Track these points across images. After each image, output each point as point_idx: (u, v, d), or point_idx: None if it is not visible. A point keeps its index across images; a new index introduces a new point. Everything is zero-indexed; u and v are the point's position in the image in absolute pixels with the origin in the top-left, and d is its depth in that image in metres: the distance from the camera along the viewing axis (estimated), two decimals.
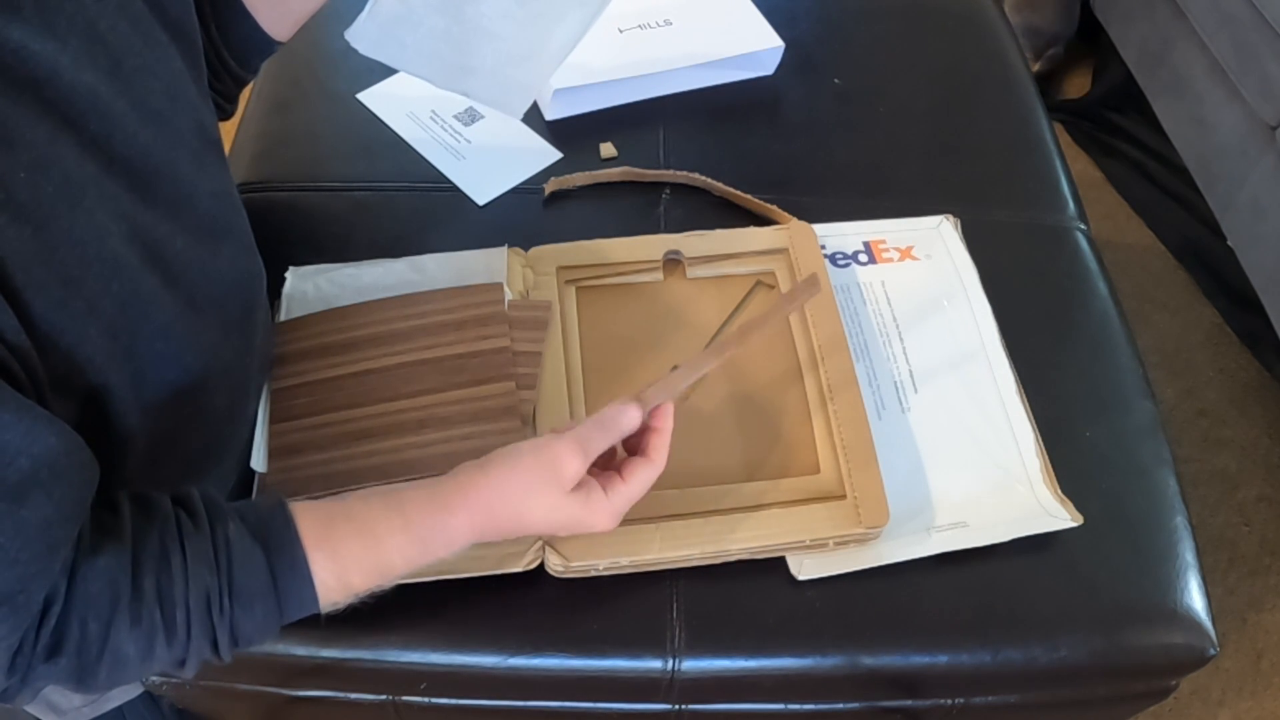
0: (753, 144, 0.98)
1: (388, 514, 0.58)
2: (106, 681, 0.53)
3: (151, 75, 0.58)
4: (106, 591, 0.51)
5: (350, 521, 0.57)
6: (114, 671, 0.52)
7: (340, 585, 0.56)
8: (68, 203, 0.50)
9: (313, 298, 0.80)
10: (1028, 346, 0.82)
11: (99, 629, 0.51)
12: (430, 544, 0.58)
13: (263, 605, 0.54)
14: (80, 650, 0.50)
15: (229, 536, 0.54)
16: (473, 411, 0.73)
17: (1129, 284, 1.62)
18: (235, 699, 0.77)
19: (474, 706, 0.74)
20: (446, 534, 0.58)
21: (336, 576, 0.56)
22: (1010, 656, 0.70)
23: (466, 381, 0.74)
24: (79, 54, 0.52)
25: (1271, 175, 1.37)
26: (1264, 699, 1.27)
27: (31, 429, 0.47)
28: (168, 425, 0.60)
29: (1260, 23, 1.34)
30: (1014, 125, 1.03)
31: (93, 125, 0.52)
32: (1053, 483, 0.74)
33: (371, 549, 0.57)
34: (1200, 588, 0.73)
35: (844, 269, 0.86)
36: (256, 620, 0.54)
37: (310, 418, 0.73)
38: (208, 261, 0.63)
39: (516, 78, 0.72)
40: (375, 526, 0.57)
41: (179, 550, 0.53)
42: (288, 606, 0.55)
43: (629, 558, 0.68)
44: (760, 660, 0.69)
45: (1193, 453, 1.46)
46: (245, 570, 0.54)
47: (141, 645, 0.52)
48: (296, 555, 0.55)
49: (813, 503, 0.71)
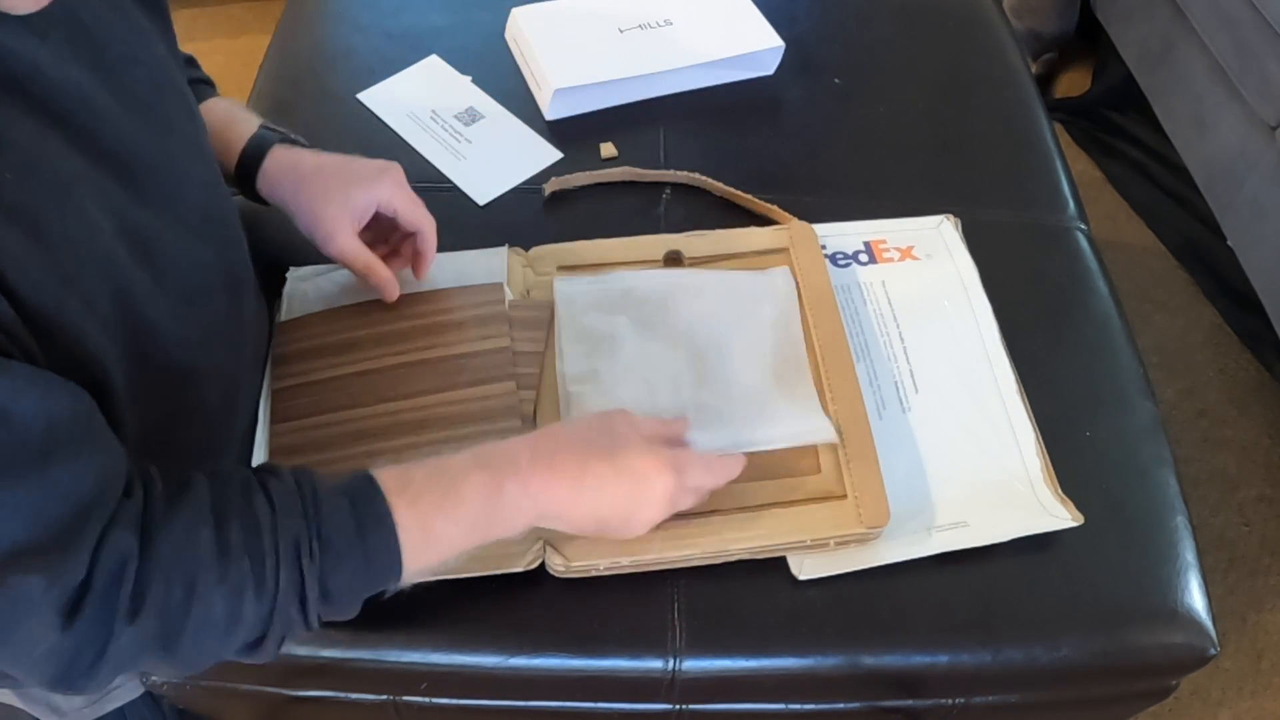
0: (753, 144, 0.98)
1: (459, 454, 0.59)
2: (191, 650, 0.51)
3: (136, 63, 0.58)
4: (189, 546, 0.50)
5: (425, 465, 0.58)
6: (199, 636, 0.51)
7: (422, 532, 0.56)
8: (58, 200, 0.50)
9: (313, 298, 0.80)
10: (1028, 346, 0.82)
11: (183, 587, 0.50)
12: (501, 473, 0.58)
13: (350, 554, 0.54)
14: (164, 610, 0.50)
15: (315, 488, 0.55)
16: (474, 412, 0.73)
17: (1129, 284, 1.62)
18: (235, 699, 0.77)
19: (475, 706, 0.74)
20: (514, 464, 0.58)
21: (418, 523, 0.55)
22: (1010, 656, 0.70)
23: (467, 382, 0.74)
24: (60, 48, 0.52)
25: (1271, 175, 1.37)
26: (1264, 699, 1.27)
27: (47, 393, 0.47)
28: (160, 420, 0.60)
29: (1260, 23, 1.34)
30: (1014, 125, 1.03)
31: (80, 120, 0.52)
32: (1053, 482, 0.74)
33: (447, 484, 0.57)
34: (1200, 588, 0.73)
35: (844, 269, 0.86)
36: (344, 572, 0.54)
37: (311, 418, 0.73)
38: (199, 254, 0.62)
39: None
40: (447, 463, 0.58)
41: (265, 501, 0.53)
42: (373, 557, 0.54)
43: (629, 558, 0.68)
44: (761, 660, 0.69)
45: (1193, 453, 1.46)
46: (332, 516, 0.54)
47: (230, 602, 0.51)
48: (380, 503, 0.55)
49: (813, 503, 0.71)
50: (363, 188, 0.73)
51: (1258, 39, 1.36)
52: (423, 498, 0.56)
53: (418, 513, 0.55)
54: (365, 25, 1.07)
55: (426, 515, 0.56)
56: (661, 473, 0.61)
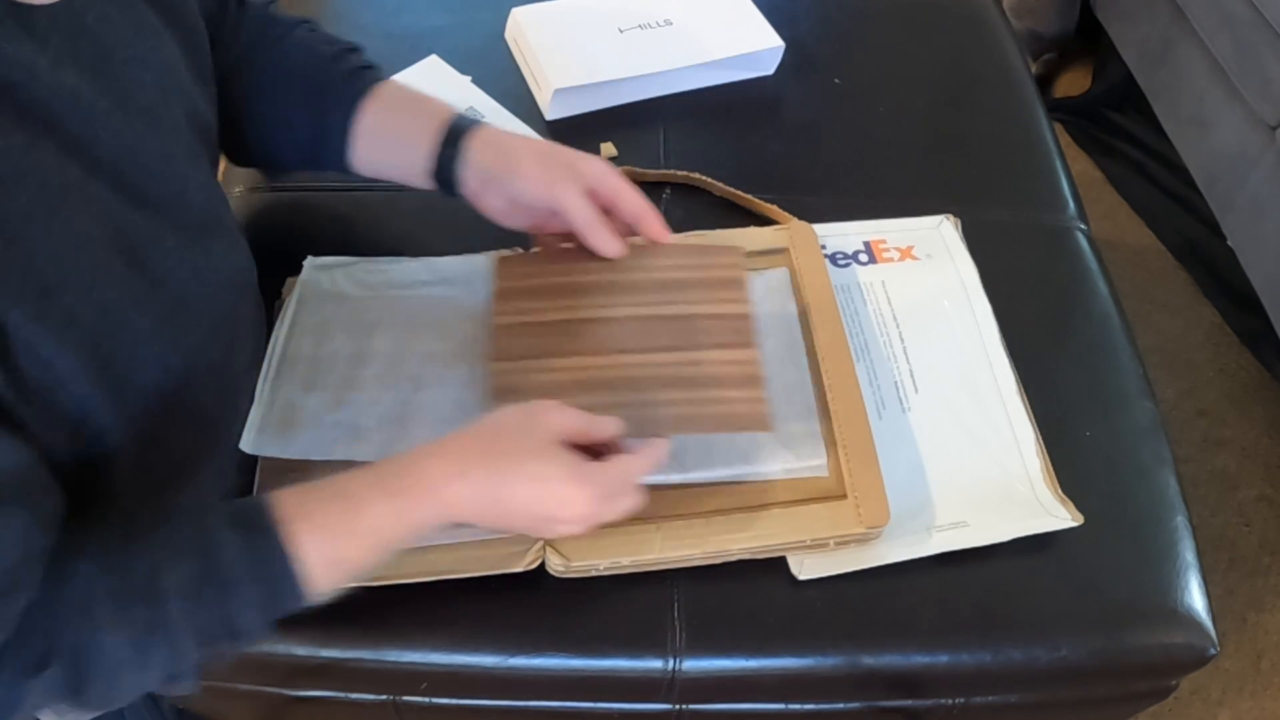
0: (753, 144, 0.98)
1: (363, 474, 0.57)
2: (103, 694, 0.51)
3: (143, 67, 0.58)
4: (89, 595, 0.50)
5: (326, 489, 0.56)
6: (110, 681, 0.51)
7: (330, 557, 0.55)
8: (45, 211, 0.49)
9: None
10: (1028, 346, 0.82)
11: (86, 633, 0.49)
12: (410, 496, 0.56)
13: (252, 587, 0.53)
14: (70, 659, 0.49)
15: (205, 526, 0.54)
16: (719, 375, 0.69)
17: (1129, 284, 1.62)
18: (235, 699, 0.77)
19: (475, 706, 0.74)
20: (424, 481, 0.57)
21: (322, 548, 0.54)
22: (1011, 656, 0.70)
23: (710, 344, 0.71)
24: (60, 53, 0.51)
25: (1271, 175, 1.37)
26: (1264, 699, 1.27)
27: None
28: (154, 427, 0.60)
29: (1260, 23, 1.34)
30: (1014, 125, 1.03)
31: (73, 127, 0.51)
32: (1053, 482, 0.74)
33: (350, 510, 0.55)
34: (1200, 587, 0.73)
35: (844, 269, 0.86)
36: (247, 605, 0.53)
37: (536, 359, 0.70)
38: (198, 259, 0.62)
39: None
40: (349, 486, 0.56)
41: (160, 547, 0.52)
42: (280, 586, 0.54)
43: (630, 558, 0.68)
44: (761, 660, 0.69)
45: (1193, 453, 1.46)
46: (226, 552, 0.52)
47: (135, 647, 0.51)
48: (275, 530, 0.53)
49: (813, 503, 0.71)
50: (581, 159, 0.71)
51: (1258, 39, 1.36)
52: (325, 525, 0.55)
53: (320, 539, 0.54)
54: (365, 25, 1.07)
55: (331, 541, 0.55)
56: (580, 493, 0.59)
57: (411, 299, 0.80)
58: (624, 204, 0.72)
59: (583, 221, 0.70)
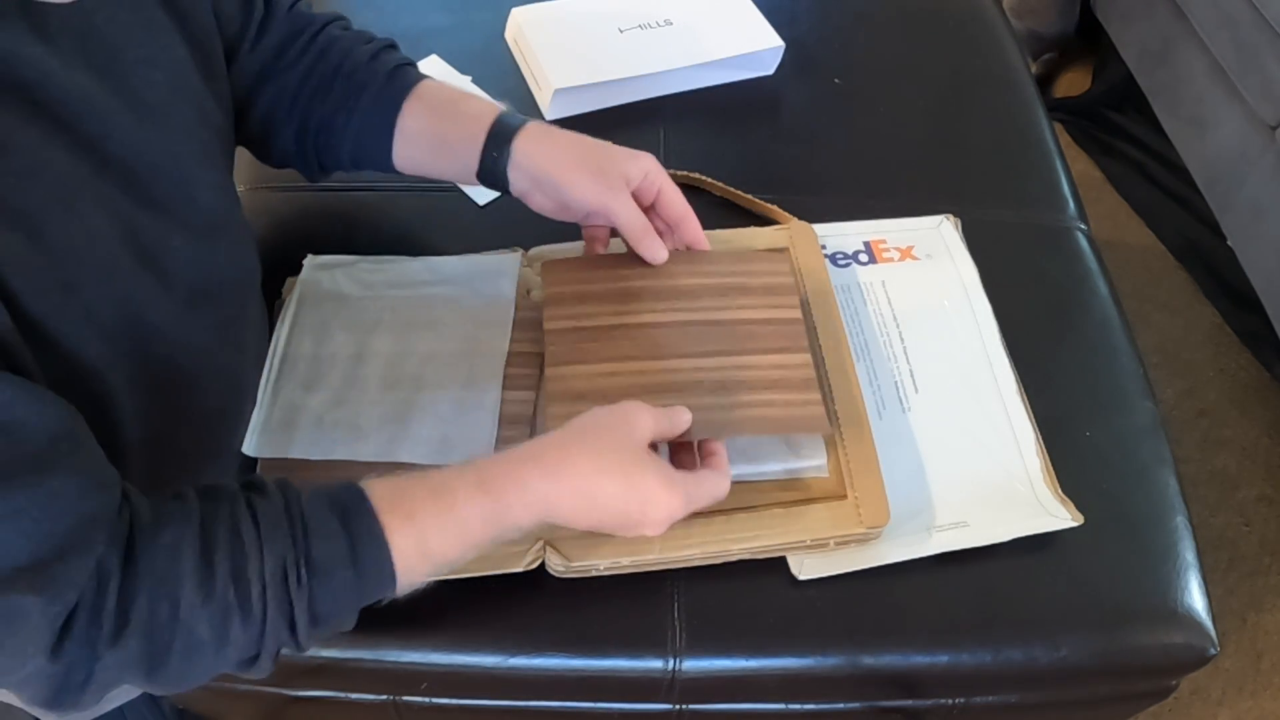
0: (753, 144, 0.98)
1: (461, 471, 0.57)
2: (179, 672, 0.50)
3: (153, 66, 0.58)
4: (173, 567, 0.49)
5: (424, 483, 0.56)
6: (187, 659, 0.50)
7: (419, 551, 0.54)
8: (61, 206, 0.50)
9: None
10: (1028, 346, 0.82)
11: (168, 607, 0.49)
12: (507, 496, 0.56)
13: (341, 575, 0.52)
14: (149, 631, 0.49)
15: (303, 508, 0.53)
16: (773, 379, 0.69)
17: (1129, 284, 1.62)
18: (235, 699, 0.77)
19: (475, 706, 0.74)
20: (520, 482, 0.57)
21: (414, 541, 0.54)
22: (1011, 656, 0.70)
23: (762, 349, 0.71)
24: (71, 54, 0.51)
25: (1271, 175, 1.37)
26: (1264, 699, 1.27)
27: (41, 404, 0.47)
28: (160, 425, 0.60)
29: (1260, 23, 1.34)
30: (1014, 125, 1.03)
31: (85, 126, 0.52)
32: (1053, 482, 0.74)
33: (447, 508, 0.55)
34: (1200, 587, 0.73)
35: (844, 269, 0.86)
36: (335, 594, 0.52)
37: (592, 364, 0.70)
38: (206, 259, 0.62)
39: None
40: (448, 482, 0.56)
41: (251, 524, 0.52)
42: (366, 577, 0.53)
43: (629, 558, 0.68)
44: (761, 660, 0.69)
45: (1193, 453, 1.46)
46: (321, 537, 0.52)
47: (216, 626, 0.50)
48: (372, 520, 0.53)
49: (813, 503, 0.71)
50: (629, 158, 0.71)
51: (1258, 39, 1.36)
52: (418, 516, 0.55)
53: (413, 530, 0.54)
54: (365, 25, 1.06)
55: (423, 533, 0.55)
56: (671, 498, 0.60)
57: (412, 299, 0.80)
58: (666, 206, 0.72)
59: (634, 231, 0.71)
